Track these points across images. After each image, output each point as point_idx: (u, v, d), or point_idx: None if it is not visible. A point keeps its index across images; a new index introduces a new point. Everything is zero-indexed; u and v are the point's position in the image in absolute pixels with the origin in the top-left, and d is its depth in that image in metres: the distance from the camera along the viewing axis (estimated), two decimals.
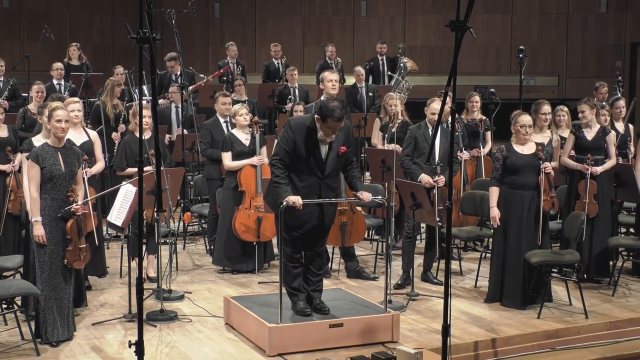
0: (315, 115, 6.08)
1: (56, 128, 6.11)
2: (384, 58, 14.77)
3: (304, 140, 6.09)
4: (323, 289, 6.50)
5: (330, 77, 7.98)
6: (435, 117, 7.71)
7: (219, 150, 8.38)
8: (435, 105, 7.80)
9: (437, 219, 7.24)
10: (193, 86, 12.61)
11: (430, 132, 7.77)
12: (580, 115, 8.01)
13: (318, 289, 6.41)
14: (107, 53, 18.21)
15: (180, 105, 11.26)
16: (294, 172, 6.15)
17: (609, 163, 7.99)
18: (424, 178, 7.56)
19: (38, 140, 6.67)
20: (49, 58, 13.76)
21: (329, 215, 6.34)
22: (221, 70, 13.61)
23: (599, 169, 7.89)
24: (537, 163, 7.16)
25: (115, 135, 9.84)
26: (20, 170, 7.74)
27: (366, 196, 6.25)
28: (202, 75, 13.24)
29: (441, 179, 7.53)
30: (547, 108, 8.22)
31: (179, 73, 12.43)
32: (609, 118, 8.76)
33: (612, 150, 8.03)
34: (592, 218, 7.84)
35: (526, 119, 7.25)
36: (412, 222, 7.65)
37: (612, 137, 8.07)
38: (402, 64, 14.53)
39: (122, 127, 9.88)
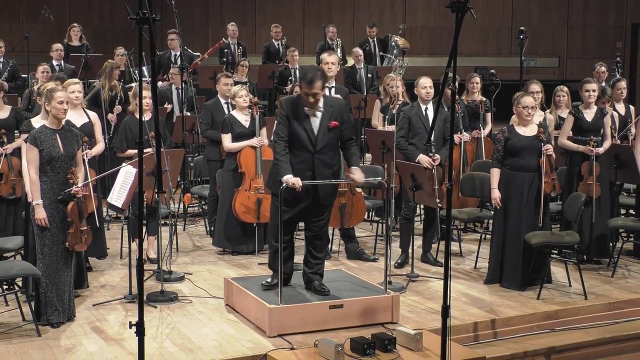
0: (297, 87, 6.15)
1: (57, 109, 6.07)
2: (375, 40, 14.69)
3: (294, 115, 6.17)
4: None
5: (327, 60, 7.94)
6: (427, 91, 7.73)
7: (218, 131, 8.37)
8: (422, 80, 7.79)
9: (437, 200, 7.24)
10: (190, 65, 12.55)
11: (424, 112, 7.77)
12: (589, 93, 7.94)
13: (318, 272, 6.38)
14: (107, 35, 18.11)
15: (180, 87, 11.22)
16: (289, 149, 6.18)
17: (607, 144, 7.98)
18: (422, 158, 7.56)
19: (37, 122, 6.63)
20: (49, 39, 13.73)
21: (324, 192, 6.25)
22: (217, 45, 13.48)
23: (601, 150, 7.89)
24: (539, 145, 7.14)
25: (110, 117, 9.81)
26: (14, 152, 7.75)
27: (358, 176, 6.21)
28: (197, 54, 13.17)
29: (437, 158, 7.54)
30: (534, 87, 8.73)
31: (178, 53, 12.37)
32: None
33: (608, 131, 8.03)
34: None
35: (529, 100, 7.24)
36: (412, 204, 7.65)
37: (608, 118, 8.08)
38: (393, 43, 14.47)
39: (117, 108, 9.85)
